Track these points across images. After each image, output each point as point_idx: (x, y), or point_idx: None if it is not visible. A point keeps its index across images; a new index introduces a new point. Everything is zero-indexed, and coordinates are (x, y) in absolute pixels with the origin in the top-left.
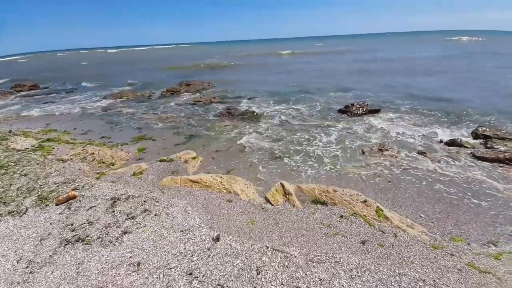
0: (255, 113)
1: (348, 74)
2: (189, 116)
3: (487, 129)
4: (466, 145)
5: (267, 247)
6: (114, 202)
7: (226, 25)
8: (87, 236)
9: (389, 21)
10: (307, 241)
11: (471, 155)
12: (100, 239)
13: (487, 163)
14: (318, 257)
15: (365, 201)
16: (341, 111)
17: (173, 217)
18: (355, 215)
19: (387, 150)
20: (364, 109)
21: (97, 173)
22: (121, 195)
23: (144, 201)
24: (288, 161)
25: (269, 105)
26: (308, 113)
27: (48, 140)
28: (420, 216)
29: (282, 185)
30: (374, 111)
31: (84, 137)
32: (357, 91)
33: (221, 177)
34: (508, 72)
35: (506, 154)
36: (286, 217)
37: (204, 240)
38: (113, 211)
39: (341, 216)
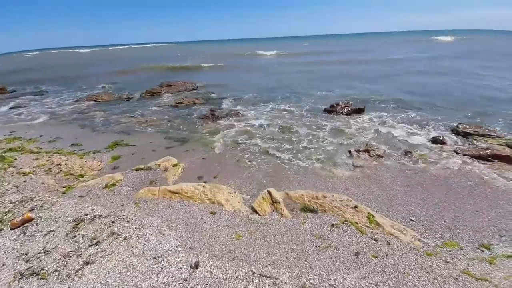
0: (240, 114)
1: (332, 75)
2: (171, 119)
3: (467, 126)
4: (448, 142)
5: (253, 273)
6: (77, 224)
7: (205, 24)
8: (42, 269)
9: (372, 21)
10: (297, 258)
11: (454, 152)
12: (56, 273)
13: (470, 160)
14: (310, 281)
15: (355, 207)
16: (326, 111)
17: (146, 241)
18: (346, 222)
19: (373, 150)
20: (349, 108)
21: (64, 187)
22: (86, 215)
23: (112, 222)
24: (274, 163)
25: (254, 105)
26: (294, 114)
27: (10, 150)
28: (411, 220)
29: (269, 193)
30: (358, 111)
31: (52, 145)
32: (341, 90)
33: (203, 186)
34: (487, 72)
35: (487, 151)
36: (274, 229)
37: (181, 268)
38: (75, 236)
39: (332, 225)
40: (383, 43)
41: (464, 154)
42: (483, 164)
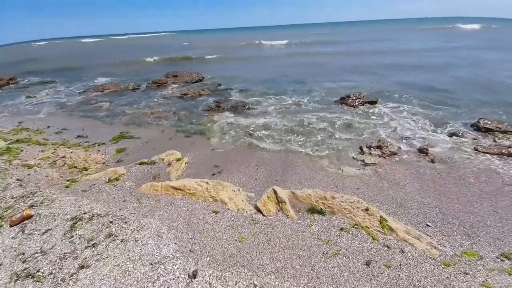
0: (247, 106)
1: (342, 66)
2: (176, 111)
3: (489, 122)
4: (468, 138)
5: (255, 286)
6: (75, 223)
7: (209, 12)
8: (38, 271)
9: (382, 7)
10: (303, 266)
11: (473, 149)
12: (52, 276)
13: (491, 158)
14: None
15: (366, 209)
16: (337, 103)
17: (143, 244)
18: (356, 226)
19: (386, 146)
20: (361, 101)
21: (68, 180)
22: (84, 213)
23: (110, 222)
24: (281, 157)
25: (262, 97)
26: (303, 106)
27: (18, 141)
28: (427, 225)
29: (275, 192)
30: (371, 103)
31: (58, 137)
32: (351, 82)
33: (207, 182)
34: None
35: (510, 149)
36: (279, 231)
37: (178, 277)
38: (72, 236)
39: (341, 229)
40: (398, 29)
41: (485, 152)
42: (505, 163)
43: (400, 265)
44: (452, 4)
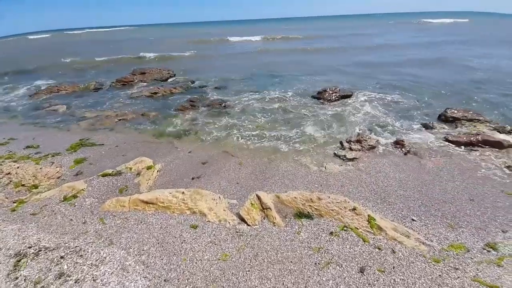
0: (223, 104)
1: (318, 62)
2: (145, 112)
3: (455, 111)
4: (438, 129)
5: None
6: (19, 261)
7: (176, 3)
8: None
9: (357, 2)
10: (296, 283)
11: (444, 140)
12: None
13: (461, 147)
14: None
15: (354, 209)
16: (314, 98)
17: (103, 284)
18: (345, 229)
19: (365, 140)
20: (337, 95)
21: (14, 202)
22: (29, 247)
23: (61, 258)
24: (261, 158)
25: (238, 94)
26: (280, 102)
27: None
28: (413, 220)
29: (259, 198)
30: (346, 97)
31: (3, 149)
32: (326, 76)
33: (183, 192)
34: (474, 58)
35: (478, 137)
36: (266, 243)
37: None
38: (16, 278)
39: (331, 233)
40: (369, 25)
41: (455, 141)
42: (475, 151)
43: (393, 267)
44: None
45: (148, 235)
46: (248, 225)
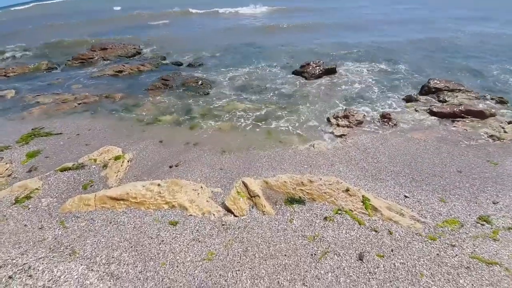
0: (200, 82)
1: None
2: (109, 93)
3: (438, 82)
4: (421, 101)
5: None
6: None
7: None
8: None
9: None
10: (292, 281)
11: (428, 111)
12: None
13: (445, 118)
14: None
15: (347, 190)
16: (298, 72)
17: None
18: (340, 212)
19: (352, 115)
20: (321, 68)
21: None
22: None
23: (10, 278)
24: (245, 141)
25: (214, 71)
26: (262, 79)
27: None
28: (406, 197)
29: (245, 185)
30: (330, 71)
31: None
32: (308, 47)
33: (158, 184)
34: (456, 27)
35: (461, 107)
36: (256, 235)
37: None
38: None
39: (325, 218)
40: None
41: (439, 113)
42: (458, 121)
43: (391, 250)
44: None
45: (119, 238)
46: (235, 216)
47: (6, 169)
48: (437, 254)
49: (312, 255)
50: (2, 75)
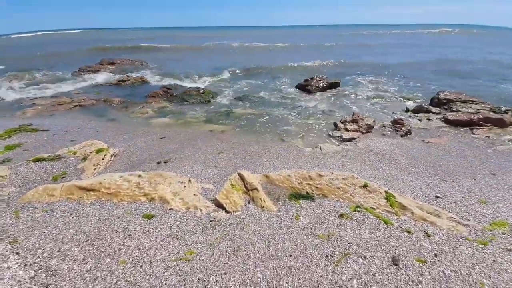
0: (201, 91)
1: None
2: (108, 98)
3: (448, 93)
4: (434, 111)
5: None
6: None
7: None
8: None
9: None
10: (302, 287)
11: (443, 119)
12: None
13: (462, 127)
14: None
15: (365, 186)
16: (301, 86)
17: None
18: (359, 209)
19: (362, 119)
20: (325, 82)
21: None
22: None
23: None
24: (245, 143)
25: (216, 83)
26: (265, 89)
27: None
28: (437, 197)
29: (241, 177)
30: (334, 85)
31: None
32: (311, 65)
33: (139, 175)
34: (455, 52)
35: (478, 115)
36: (253, 233)
37: None
38: None
39: (341, 215)
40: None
41: (455, 121)
42: (477, 129)
43: (435, 255)
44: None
45: (76, 230)
46: (228, 212)
47: None
48: (493, 260)
49: (327, 256)
50: (8, 81)
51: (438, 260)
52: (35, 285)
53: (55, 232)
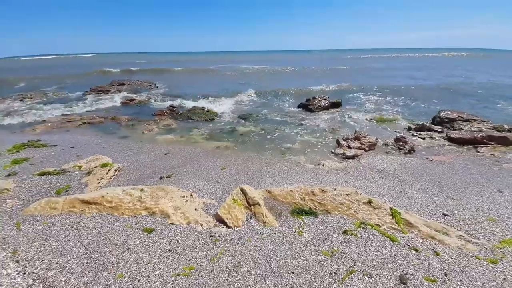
0: (206, 110)
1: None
2: (115, 116)
3: (449, 112)
4: (437, 129)
5: None
6: None
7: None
8: None
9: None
10: None
11: (446, 137)
12: None
13: (465, 145)
14: None
15: (369, 202)
16: (303, 106)
17: None
18: (363, 226)
19: (364, 137)
20: (327, 102)
21: None
22: None
23: None
24: (247, 160)
25: (223, 101)
26: (269, 109)
27: None
28: (444, 215)
29: (243, 192)
30: (336, 104)
31: None
32: (313, 87)
33: (141, 189)
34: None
35: (481, 133)
36: (254, 248)
37: None
38: None
39: (345, 232)
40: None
41: (458, 139)
42: (481, 147)
43: (445, 274)
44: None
45: (75, 243)
46: (229, 227)
47: None
48: (504, 278)
49: (331, 274)
50: (19, 99)
51: (449, 280)
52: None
53: (54, 244)
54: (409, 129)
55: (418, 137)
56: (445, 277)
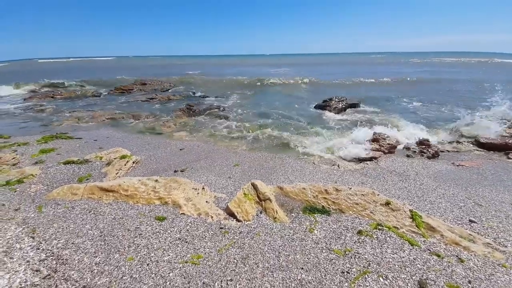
0: (222, 108)
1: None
2: (137, 113)
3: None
4: (465, 133)
5: None
6: None
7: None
8: None
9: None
10: None
11: (474, 142)
12: None
13: (497, 151)
14: None
15: (387, 203)
16: (320, 106)
17: None
18: (380, 228)
19: (383, 139)
20: (344, 103)
21: None
22: None
23: None
24: (260, 157)
25: (240, 104)
26: (286, 108)
27: None
28: (471, 221)
29: (254, 187)
30: (354, 105)
31: None
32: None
33: (156, 180)
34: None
35: None
36: (263, 242)
37: None
38: None
39: (359, 232)
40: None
41: (488, 144)
42: None
43: (469, 282)
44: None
45: (91, 226)
46: (238, 221)
47: (13, 158)
48: None
49: (343, 272)
50: (50, 96)
51: (473, 287)
52: (43, 267)
53: (72, 226)
54: (432, 132)
55: (443, 140)
56: (469, 285)
